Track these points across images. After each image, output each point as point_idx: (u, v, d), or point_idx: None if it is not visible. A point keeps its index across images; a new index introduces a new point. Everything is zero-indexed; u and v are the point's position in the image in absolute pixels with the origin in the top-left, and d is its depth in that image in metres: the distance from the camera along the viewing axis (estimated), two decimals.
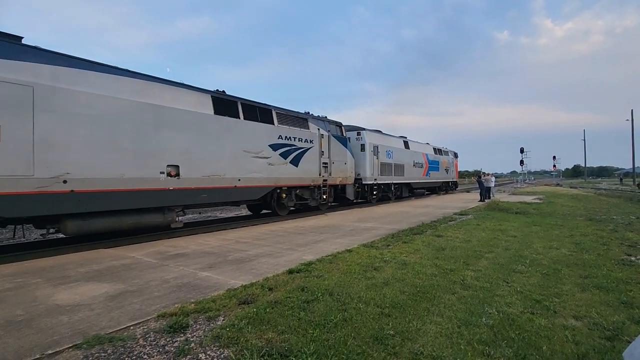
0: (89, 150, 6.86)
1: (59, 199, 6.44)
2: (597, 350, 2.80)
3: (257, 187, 10.71)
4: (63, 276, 5.00)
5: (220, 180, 9.47)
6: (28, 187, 6.05)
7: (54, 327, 3.26)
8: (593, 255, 6.08)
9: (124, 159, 7.40)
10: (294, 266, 5.24)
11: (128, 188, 7.45)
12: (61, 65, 6.63)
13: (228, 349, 2.78)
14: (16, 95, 5.94)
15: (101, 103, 7.07)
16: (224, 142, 9.61)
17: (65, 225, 6.77)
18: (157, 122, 8.02)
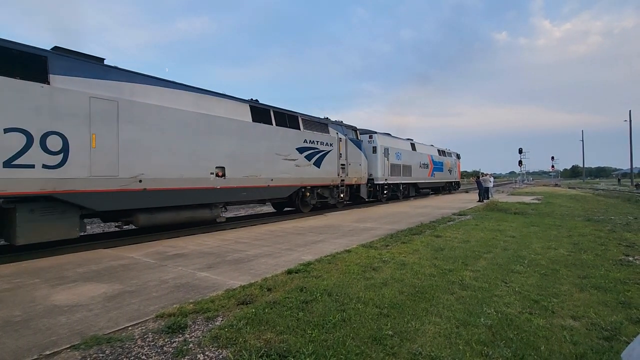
0: (157, 154, 8.04)
1: (135, 196, 7.61)
2: (595, 350, 2.81)
3: (286, 186, 11.88)
4: (61, 276, 4.98)
5: (257, 180, 10.70)
6: (114, 186, 7.27)
7: (52, 327, 3.25)
8: (591, 255, 6.10)
9: (183, 162, 8.59)
10: (292, 266, 5.24)
11: (185, 187, 8.62)
12: (136, 82, 7.83)
13: (226, 350, 2.78)
14: (106, 109, 7.16)
15: (167, 114, 8.30)
16: (259, 146, 10.83)
17: (137, 219, 7.89)
18: (208, 130, 9.25)
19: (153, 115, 7.99)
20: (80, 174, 6.81)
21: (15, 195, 6.02)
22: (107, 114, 7.17)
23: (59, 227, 6.66)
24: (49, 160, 6.40)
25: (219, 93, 9.94)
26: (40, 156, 6.28)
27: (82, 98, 6.85)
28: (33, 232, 6.27)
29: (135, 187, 7.59)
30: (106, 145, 7.13)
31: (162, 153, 8.13)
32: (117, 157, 7.31)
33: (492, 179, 23.32)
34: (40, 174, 6.28)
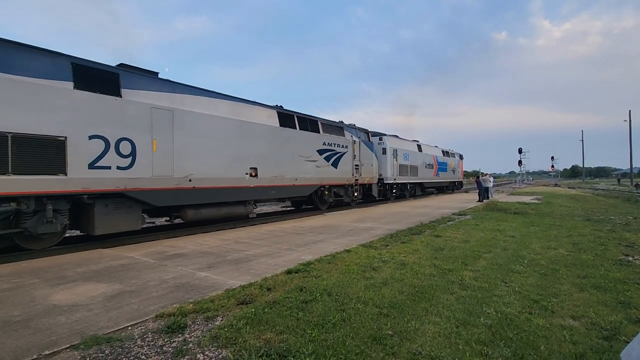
0: (203, 157, 8.99)
1: (186, 193, 8.59)
2: (595, 350, 2.81)
3: (308, 185, 12.85)
4: (61, 276, 4.98)
5: (284, 179, 11.67)
6: (170, 184, 8.23)
7: (52, 327, 3.25)
8: (591, 255, 6.10)
9: (223, 163, 9.58)
10: (292, 266, 5.24)
11: (225, 185, 9.57)
12: (185, 93, 8.82)
13: (226, 349, 2.78)
14: (164, 117, 8.13)
15: (211, 121, 9.27)
16: (286, 148, 11.82)
17: (186, 213, 8.81)
18: (243, 134, 10.22)
19: (200, 122, 9.00)
20: (145, 174, 7.79)
21: (96, 192, 7.02)
22: (165, 122, 8.21)
23: (127, 220, 7.64)
24: (121, 162, 7.38)
25: (251, 101, 10.99)
26: (114, 159, 7.26)
27: (145, 108, 7.84)
28: (107, 224, 7.26)
29: (186, 186, 8.59)
30: (164, 149, 8.15)
31: (207, 155, 9.14)
32: (172, 159, 8.32)
33: (492, 179, 23.34)
34: (115, 174, 7.25)
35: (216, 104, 9.60)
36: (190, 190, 8.65)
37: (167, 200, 8.25)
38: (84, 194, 6.90)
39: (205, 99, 9.36)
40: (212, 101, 9.50)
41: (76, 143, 6.68)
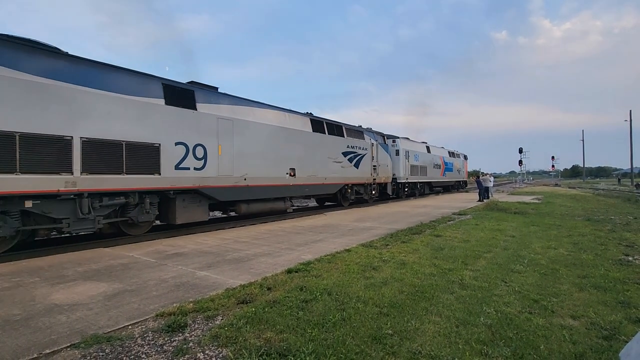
0: (254, 159, 10.50)
1: (242, 190, 10.12)
2: (595, 349, 2.81)
3: (335, 184, 14.49)
4: (61, 275, 4.99)
5: (316, 178, 13.21)
6: (231, 182, 9.77)
7: (52, 326, 3.25)
8: (591, 255, 6.10)
9: (269, 164, 11.04)
10: (292, 266, 5.24)
11: (271, 184, 11.12)
12: (240, 105, 10.41)
13: (226, 349, 2.78)
14: (226, 126, 9.69)
15: (260, 128, 10.81)
16: (317, 151, 13.37)
17: (240, 208, 10.31)
18: (285, 139, 11.77)
19: (252, 130, 10.55)
20: (213, 174, 9.26)
21: (179, 188, 8.48)
22: (227, 129, 9.71)
23: (198, 213, 9.07)
24: (197, 164, 8.87)
25: (290, 110, 12.63)
26: (192, 162, 8.75)
27: (213, 119, 9.39)
28: (184, 215, 8.71)
29: (242, 184, 10.10)
30: (226, 152, 9.67)
31: (257, 158, 10.63)
32: (232, 161, 9.83)
33: (492, 179, 23.34)
34: (192, 174, 8.74)
35: (264, 113, 11.27)
36: (245, 187, 10.22)
37: (228, 196, 9.75)
38: (170, 190, 8.36)
39: (257, 109, 11.02)
40: (261, 111, 11.18)
41: (167, 149, 8.20)
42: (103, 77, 7.31)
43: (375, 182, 17.52)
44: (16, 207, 6.18)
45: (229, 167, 9.73)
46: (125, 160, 7.39)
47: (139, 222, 8.01)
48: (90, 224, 7.13)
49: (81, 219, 6.94)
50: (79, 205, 6.87)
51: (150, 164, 7.88)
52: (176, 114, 8.46)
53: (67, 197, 6.71)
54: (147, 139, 7.81)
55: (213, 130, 9.34)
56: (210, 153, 9.21)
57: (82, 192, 6.82)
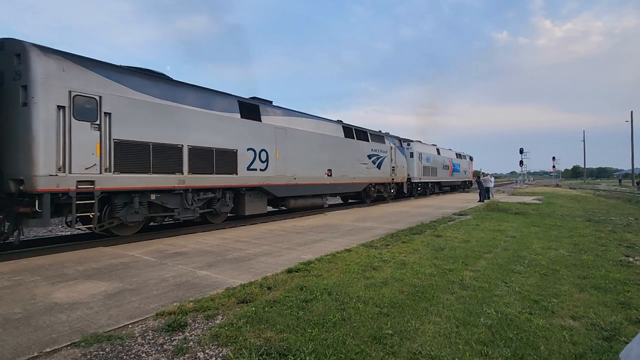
0: (301, 161, 12.47)
1: (293, 188, 12.12)
2: (595, 350, 2.81)
3: (361, 183, 16.49)
4: (61, 274, 4.99)
5: (346, 178, 15.22)
6: (285, 181, 11.71)
7: (52, 325, 3.26)
8: (591, 256, 6.09)
9: (312, 166, 13.10)
10: (292, 265, 5.24)
11: (313, 182, 13.17)
12: (291, 115, 12.46)
13: (226, 348, 2.78)
14: (281, 134, 11.65)
15: (305, 135, 12.82)
16: (347, 154, 15.38)
17: (289, 203, 12.31)
18: (323, 144, 13.83)
19: (300, 136, 12.54)
20: (272, 174, 11.22)
21: (248, 186, 10.45)
22: (282, 137, 11.66)
23: (260, 206, 11.11)
24: (261, 166, 10.81)
25: (326, 118, 14.90)
26: (258, 164, 10.70)
27: (272, 128, 11.34)
28: (250, 208, 10.64)
29: (293, 182, 12.08)
30: (282, 156, 11.60)
31: (303, 160, 12.61)
32: (286, 163, 11.77)
33: (493, 179, 23.34)
34: (258, 174, 10.68)
35: (308, 122, 13.29)
36: (294, 185, 12.21)
37: (282, 192, 11.71)
38: (242, 187, 10.25)
39: (302, 118, 13.02)
40: (306, 120, 13.23)
41: (241, 153, 10.11)
42: (198, 96, 9.19)
43: (394, 182, 19.57)
44: (146, 199, 7.95)
45: (284, 168, 11.73)
46: (215, 163, 9.35)
47: (220, 213, 9.99)
48: (191, 213, 8.93)
49: (186, 208, 8.78)
50: (185, 198, 8.72)
51: (230, 166, 9.85)
52: (247, 125, 10.48)
53: (178, 192, 8.54)
54: (228, 145, 9.81)
55: (272, 137, 11.33)
56: (271, 157, 11.23)
57: (188, 188, 8.67)
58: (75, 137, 6.62)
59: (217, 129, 9.47)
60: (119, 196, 7.52)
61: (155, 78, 8.38)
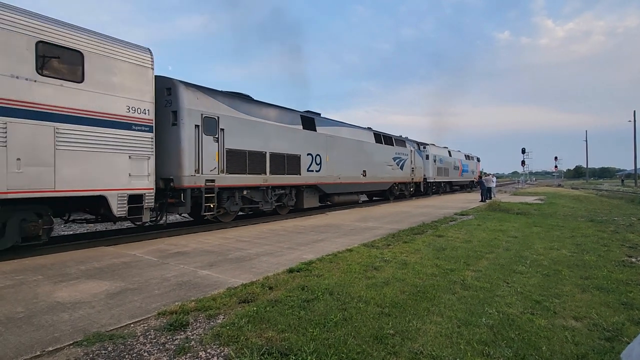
0: (343, 163, 15.02)
1: (338, 186, 14.70)
2: (597, 351, 2.80)
3: (388, 182, 19.16)
4: (63, 273, 5.01)
5: (377, 178, 17.78)
6: (332, 180, 14.26)
7: (55, 324, 3.27)
8: (594, 256, 6.08)
9: (351, 167, 15.61)
10: (294, 265, 5.25)
11: (353, 181, 15.79)
12: (335, 125, 15.07)
13: (228, 347, 2.78)
14: (329, 141, 14.24)
15: (345, 141, 15.38)
16: (377, 157, 18.00)
17: (333, 198, 14.75)
18: (358, 149, 16.41)
19: (343, 143, 15.21)
20: (324, 174, 13.79)
21: (307, 184, 12.91)
22: (330, 143, 14.31)
23: (314, 200, 13.62)
24: (316, 168, 13.35)
25: (361, 126, 17.53)
26: (314, 166, 13.24)
27: (323, 136, 13.98)
28: (308, 202, 13.11)
29: (338, 181, 14.70)
30: (330, 159, 14.18)
31: (345, 162, 15.17)
32: (333, 165, 14.33)
33: (495, 179, 23.29)
34: (314, 175, 13.21)
35: (347, 130, 15.93)
36: (339, 184, 14.84)
37: (331, 190, 14.34)
38: (303, 185, 12.76)
39: (343, 127, 15.66)
40: (346, 129, 15.85)
41: (303, 158, 12.62)
42: (273, 112, 11.75)
43: (413, 181, 22.35)
44: (240, 193, 10.28)
45: (332, 169, 14.30)
46: (286, 166, 11.84)
47: (287, 206, 12.56)
48: (269, 205, 11.42)
49: (266, 201, 11.22)
50: (266, 193, 11.16)
51: (296, 168, 12.34)
52: (307, 135, 13.02)
53: (262, 189, 10.96)
54: (294, 151, 12.30)
55: (324, 144, 13.93)
56: (323, 160, 13.79)
57: (269, 185, 11.14)
58: (205, 147, 9.09)
59: (287, 138, 12.04)
60: (226, 191, 9.88)
61: (246, 99, 10.92)
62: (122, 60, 7.26)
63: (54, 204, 6.65)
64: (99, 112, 6.86)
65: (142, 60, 7.65)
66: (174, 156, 8.54)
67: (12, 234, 6.07)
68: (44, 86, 6.12)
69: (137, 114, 7.53)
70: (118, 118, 7.19)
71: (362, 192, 17.53)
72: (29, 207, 6.25)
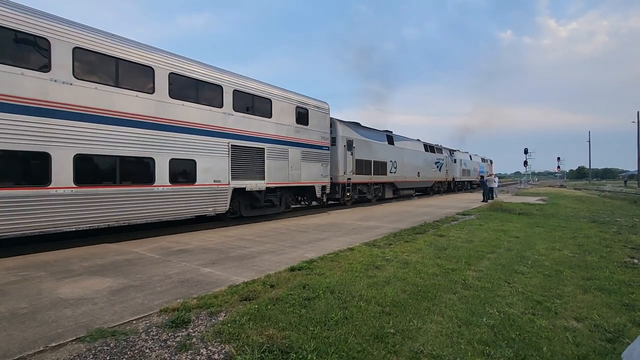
0: (407, 167, 21.45)
1: (404, 183, 21.32)
2: (598, 352, 2.80)
3: (430, 181, 25.71)
4: (67, 270, 5.05)
5: (424, 177, 24.11)
6: (401, 179, 20.95)
7: (58, 320, 3.29)
8: (596, 257, 6.06)
9: (411, 170, 22.12)
10: (295, 264, 5.26)
11: (411, 180, 22.19)
12: (401, 140, 21.49)
13: (229, 345, 2.80)
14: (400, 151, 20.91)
15: (407, 151, 21.74)
16: (426, 162, 24.52)
17: (400, 192, 21.10)
18: (415, 156, 22.79)
19: (406, 152, 21.31)
20: (397, 175, 20.16)
21: (388, 182, 19.40)
22: (400, 153, 20.60)
23: (390, 192, 19.85)
24: (394, 171, 19.74)
25: (413, 138, 23.74)
26: (392, 169, 19.56)
27: (397, 148, 20.42)
28: (387, 194, 19.47)
29: (404, 180, 21.00)
30: (400, 164, 20.45)
31: (407, 166, 21.41)
32: (402, 168, 20.59)
33: (497, 179, 23.25)
34: (392, 175, 19.65)
35: (408, 142, 22.19)
36: (405, 181, 21.12)
37: (400, 186, 20.63)
38: (386, 183, 19.18)
39: (406, 141, 22.07)
40: (407, 141, 22.20)
41: (387, 163, 18.90)
42: (373, 133, 18.16)
43: (446, 180, 28.85)
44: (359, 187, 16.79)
45: (401, 171, 20.57)
46: (380, 170, 18.19)
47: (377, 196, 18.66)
48: (371, 195, 17.92)
49: (370, 193, 17.70)
50: (369, 188, 17.70)
51: (384, 171, 18.66)
52: (389, 148, 19.56)
53: (368, 184, 17.37)
54: (384, 159, 18.68)
55: (397, 154, 20.28)
56: (397, 165, 20.05)
57: (372, 182, 17.74)
58: (347, 159, 15.42)
59: (380, 151, 18.48)
60: (355, 185, 16.26)
61: (360, 125, 17.20)
62: (318, 111, 13.50)
63: (295, 190, 12.74)
64: (313, 141, 13.19)
65: (326, 110, 14.06)
66: (333, 164, 14.57)
67: (283, 204, 12.08)
68: (299, 129, 12.40)
69: (323, 141, 13.86)
70: (319, 143, 13.53)
71: (416, 188, 23.46)
72: (290, 191, 12.40)
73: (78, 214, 6.68)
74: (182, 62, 8.62)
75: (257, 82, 10.78)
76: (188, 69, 8.70)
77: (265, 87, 10.99)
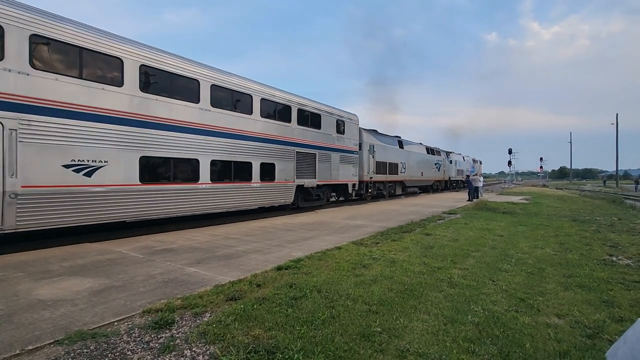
0: (413, 167, 24.89)
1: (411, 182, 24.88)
2: (578, 348, 2.86)
3: (432, 180, 28.82)
4: (45, 270, 4.89)
5: (426, 177, 27.42)
6: (409, 178, 24.30)
7: (35, 322, 3.18)
8: (576, 255, 6.21)
9: (416, 170, 25.57)
10: (282, 263, 5.22)
11: (416, 179, 25.81)
12: (409, 144, 24.89)
13: (214, 346, 2.75)
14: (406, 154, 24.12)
15: (413, 154, 25.18)
16: (427, 163, 27.80)
17: (407, 189, 24.71)
18: (419, 158, 26.37)
19: (412, 155, 24.75)
20: (406, 174, 23.42)
21: (399, 180, 22.56)
22: (407, 156, 24.03)
23: (399, 190, 22.83)
24: (403, 171, 23.00)
25: (417, 142, 26.91)
26: (402, 170, 22.88)
27: (406, 151, 23.89)
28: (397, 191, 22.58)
29: (411, 179, 24.51)
30: (408, 164, 23.95)
31: (413, 167, 24.91)
32: (409, 169, 23.96)
33: (482, 179, 23.72)
34: (402, 175, 22.82)
35: (413, 146, 25.34)
36: (412, 180, 24.33)
37: (408, 184, 23.97)
38: (398, 181, 22.32)
39: (412, 145, 25.12)
40: (412, 145, 25.35)
41: (398, 164, 22.13)
42: (387, 139, 21.38)
43: (444, 180, 32.18)
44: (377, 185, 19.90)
45: (409, 171, 23.44)
46: (392, 170, 21.16)
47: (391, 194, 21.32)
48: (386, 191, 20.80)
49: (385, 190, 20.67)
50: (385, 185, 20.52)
51: (396, 171, 21.57)
52: (400, 151, 22.45)
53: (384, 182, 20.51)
54: (396, 161, 21.69)
55: (405, 156, 23.11)
56: (406, 166, 22.93)
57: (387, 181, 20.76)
58: (370, 161, 18.30)
59: (393, 153, 21.33)
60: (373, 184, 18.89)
61: (377, 132, 20.14)
62: (351, 122, 16.32)
63: (334, 187, 15.38)
64: (347, 147, 15.99)
65: (356, 121, 16.89)
66: (360, 165, 17.38)
67: (324, 198, 14.74)
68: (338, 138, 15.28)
69: (354, 146, 16.57)
70: (351, 149, 16.29)
71: (419, 186, 26.58)
72: (329, 188, 15.12)
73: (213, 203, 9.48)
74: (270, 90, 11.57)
75: (312, 102, 13.75)
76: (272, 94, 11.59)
77: (317, 105, 13.98)
